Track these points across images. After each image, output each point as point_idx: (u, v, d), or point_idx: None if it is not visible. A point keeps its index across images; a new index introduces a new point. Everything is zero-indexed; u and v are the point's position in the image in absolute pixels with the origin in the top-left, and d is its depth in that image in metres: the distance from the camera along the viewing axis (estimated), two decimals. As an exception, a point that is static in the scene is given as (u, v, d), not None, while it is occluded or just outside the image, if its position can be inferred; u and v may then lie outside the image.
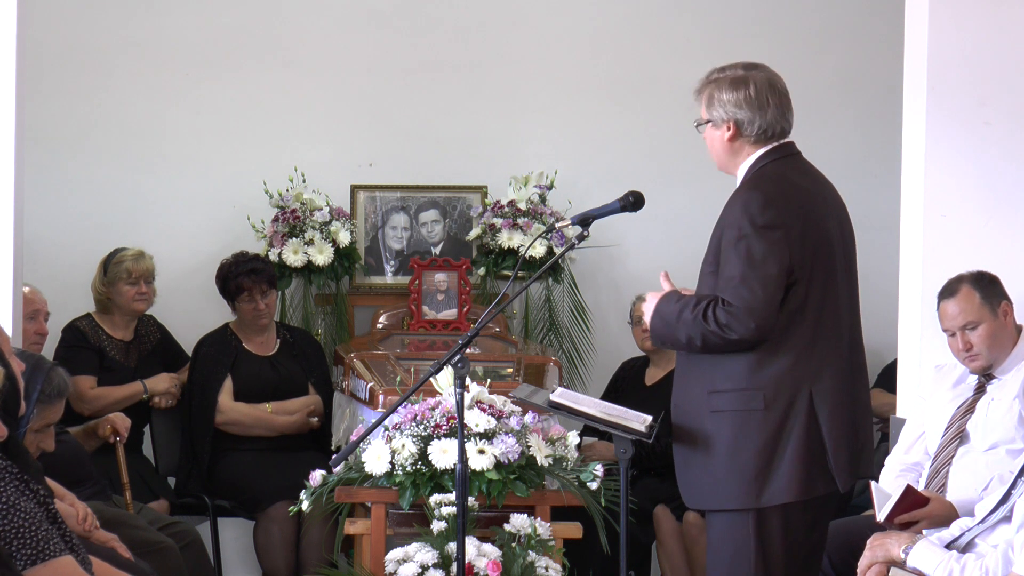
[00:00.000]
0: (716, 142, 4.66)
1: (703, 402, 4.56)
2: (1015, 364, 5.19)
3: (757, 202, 4.50)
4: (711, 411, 4.55)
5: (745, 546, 4.55)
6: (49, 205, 7.45)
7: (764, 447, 4.50)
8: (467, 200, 7.64)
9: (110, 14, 7.62)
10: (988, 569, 4.32)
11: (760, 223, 4.47)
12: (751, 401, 4.51)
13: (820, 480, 4.55)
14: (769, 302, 4.45)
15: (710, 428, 4.54)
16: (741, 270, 4.46)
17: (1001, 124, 5.76)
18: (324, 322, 7.53)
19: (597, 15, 7.82)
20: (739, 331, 4.44)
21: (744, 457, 4.51)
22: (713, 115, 4.63)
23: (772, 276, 4.46)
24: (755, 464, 4.51)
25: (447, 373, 5.30)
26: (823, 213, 4.62)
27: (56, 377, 4.72)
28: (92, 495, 5.75)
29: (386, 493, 5.41)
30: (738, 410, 4.52)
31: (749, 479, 4.51)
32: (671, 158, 7.67)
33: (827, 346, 4.57)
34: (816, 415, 4.52)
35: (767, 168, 4.62)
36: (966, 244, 5.71)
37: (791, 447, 4.51)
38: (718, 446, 4.54)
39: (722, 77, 4.64)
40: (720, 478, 4.55)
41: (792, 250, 4.49)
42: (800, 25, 7.83)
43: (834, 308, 4.59)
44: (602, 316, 7.72)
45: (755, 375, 4.51)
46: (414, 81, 7.73)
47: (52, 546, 3.86)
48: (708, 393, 4.55)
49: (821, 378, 4.54)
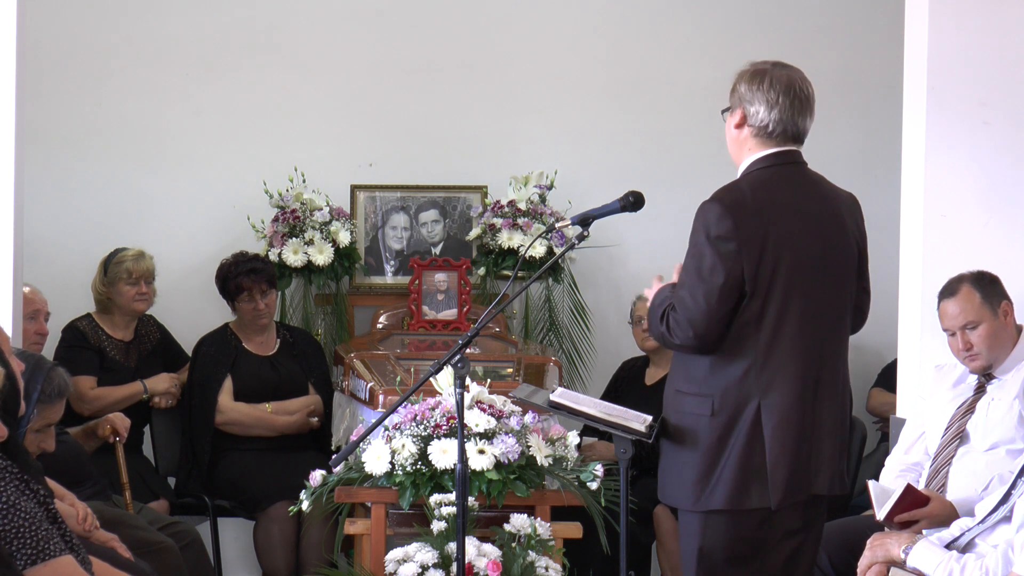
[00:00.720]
0: (727, 130, 4.68)
1: (671, 401, 4.65)
2: (1015, 364, 5.19)
3: (714, 212, 4.48)
4: (675, 410, 4.62)
5: (691, 543, 4.62)
6: (49, 205, 7.45)
7: (706, 452, 4.54)
8: (467, 200, 7.64)
9: (110, 14, 7.62)
10: (988, 569, 4.33)
11: (713, 234, 4.47)
12: (701, 406, 4.55)
13: (756, 493, 4.53)
14: (710, 313, 4.46)
15: (672, 427, 4.62)
16: (689, 279, 4.51)
17: (1001, 124, 5.76)
18: (324, 322, 7.53)
19: (597, 15, 7.82)
20: (679, 337, 4.52)
21: (688, 459, 4.57)
22: (731, 101, 4.65)
23: (717, 287, 4.46)
24: (697, 468, 4.55)
25: (447, 373, 5.30)
26: (800, 229, 4.54)
27: (56, 377, 4.72)
28: (92, 495, 5.75)
29: (386, 493, 5.41)
30: (692, 413, 4.57)
31: (691, 481, 4.57)
32: (671, 158, 7.67)
33: (783, 361, 4.52)
34: (761, 428, 4.51)
35: (753, 175, 4.59)
36: (966, 244, 5.71)
37: (731, 457, 4.52)
38: (673, 446, 4.62)
39: (748, 69, 4.67)
40: (673, 476, 4.65)
41: (745, 263, 4.47)
42: (800, 25, 7.83)
43: (797, 323, 4.53)
44: (602, 316, 7.73)
45: (708, 381, 4.55)
46: (414, 81, 7.73)
47: (52, 546, 3.86)
48: (675, 392, 4.64)
49: (771, 392, 4.51)
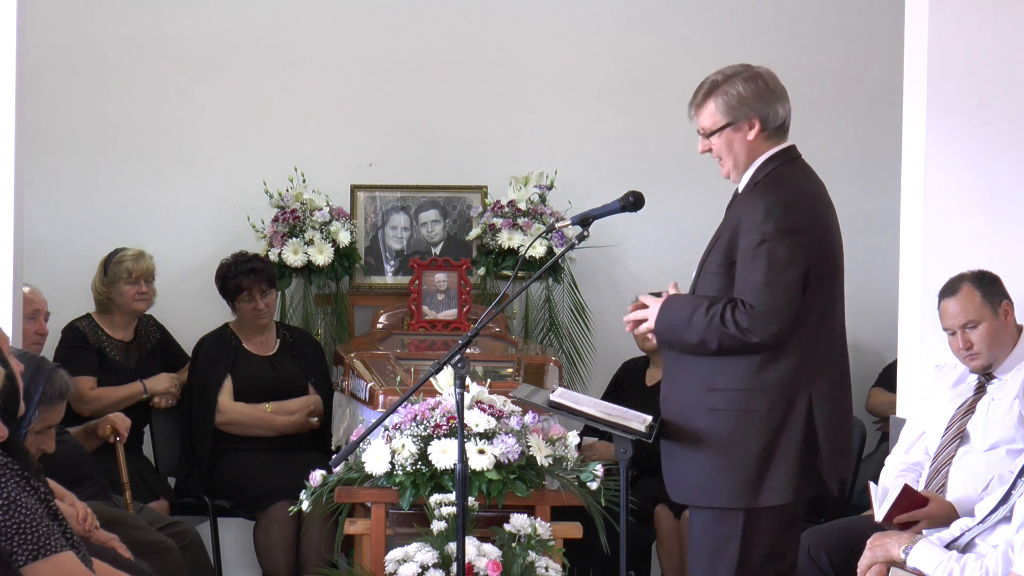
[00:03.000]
0: (736, 143, 4.61)
1: (699, 399, 4.56)
2: (1015, 364, 5.19)
3: (780, 206, 4.50)
4: (709, 408, 4.54)
5: (728, 543, 4.56)
6: (49, 205, 7.45)
7: (764, 448, 4.51)
8: (467, 200, 7.64)
9: (110, 14, 7.62)
10: (988, 569, 4.33)
11: (783, 227, 4.47)
12: (753, 402, 4.51)
13: (810, 483, 4.57)
14: (790, 307, 4.47)
15: (704, 425, 4.55)
16: (764, 274, 4.46)
17: (1001, 124, 5.76)
18: (324, 322, 7.53)
19: (597, 15, 7.82)
20: (760, 335, 4.45)
21: (743, 457, 4.52)
22: (737, 115, 4.58)
23: (794, 281, 4.48)
24: (754, 464, 4.51)
25: (447, 373, 5.30)
26: (830, 218, 4.65)
27: (58, 379, 4.72)
28: (92, 495, 5.75)
29: (386, 493, 5.41)
30: (739, 410, 4.52)
31: (746, 479, 4.52)
32: (671, 158, 7.67)
33: (824, 350, 4.59)
34: (813, 419, 4.53)
35: (778, 171, 4.61)
36: (966, 244, 5.71)
37: (789, 450, 4.52)
38: (713, 444, 4.54)
39: (731, 76, 4.61)
40: (713, 475, 4.56)
41: (812, 255, 4.51)
42: (800, 25, 7.83)
43: (832, 313, 4.61)
44: (602, 316, 7.72)
45: (759, 376, 4.51)
46: (414, 81, 7.73)
47: (53, 542, 3.86)
48: (706, 390, 4.55)
49: (818, 382, 4.55)
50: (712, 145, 4.64)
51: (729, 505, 4.55)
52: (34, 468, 4.26)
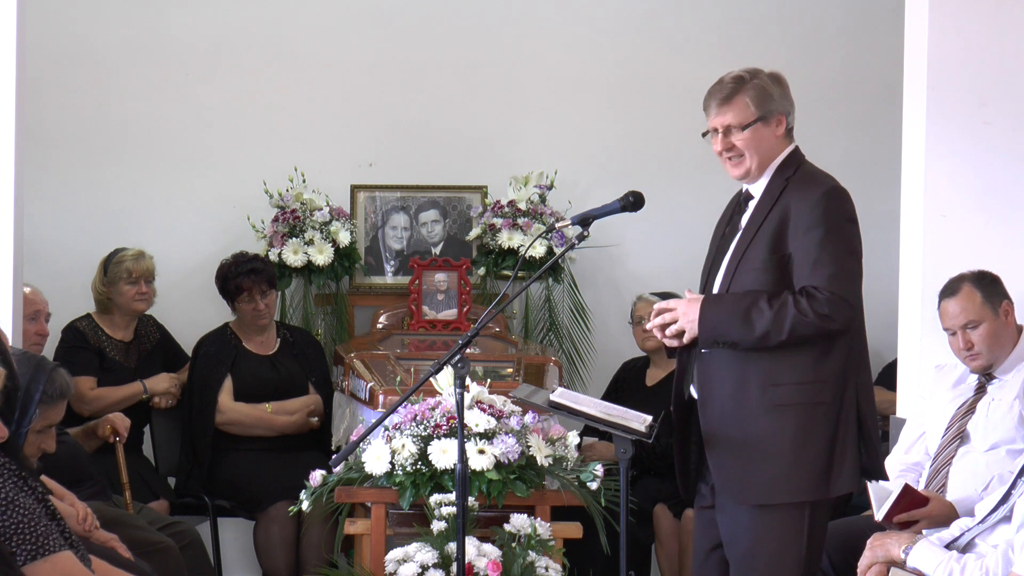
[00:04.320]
0: (765, 139, 4.67)
1: (760, 397, 4.59)
2: (1016, 364, 5.19)
3: (837, 197, 4.62)
4: (773, 405, 4.58)
5: (795, 539, 4.61)
6: (49, 205, 7.45)
7: (831, 438, 4.60)
8: (467, 200, 7.64)
9: (110, 14, 7.62)
10: (988, 569, 4.33)
11: (844, 217, 4.61)
12: (819, 393, 4.59)
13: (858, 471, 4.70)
14: (857, 293, 4.62)
15: (768, 423, 4.58)
16: (837, 262, 4.56)
17: (1001, 124, 5.76)
18: (324, 322, 7.53)
19: (597, 15, 7.82)
20: (840, 321, 4.54)
21: (814, 449, 4.58)
22: (769, 109, 4.65)
23: (858, 268, 4.64)
24: (825, 455, 4.59)
25: (447, 373, 5.30)
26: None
27: (58, 378, 4.72)
28: (92, 495, 5.75)
29: (386, 493, 5.41)
30: (806, 403, 4.58)
31: (819, 470, 4.59)
32: (671, 158, 7.67)
33: (864, 341, 4.72)
34: (860, 406, 4.65)
35: (807, 167, 4.72)
36: (966, 244, 5.71)
37: (850, 438, 4.63)
38: (781, 440, 4.58)
39: (757, 73, 4.69)
40: (786, 471, 4.59)
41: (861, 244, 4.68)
42: (801, 25, 7.83)
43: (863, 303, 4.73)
44: (602, 316, 7.72)
45: (819, 368, 4.59)
46: (414, 81, 7.73)
47: (52, 541, 3.87)
48: (769, 386, 4.58)
49: (862, 372, 4.69)
50: (739, 140, 4.66)
51: (804, 499, 4.61)
52: (31, 468, 4.27)
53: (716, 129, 4.68)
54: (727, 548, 4.71)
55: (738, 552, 4.67)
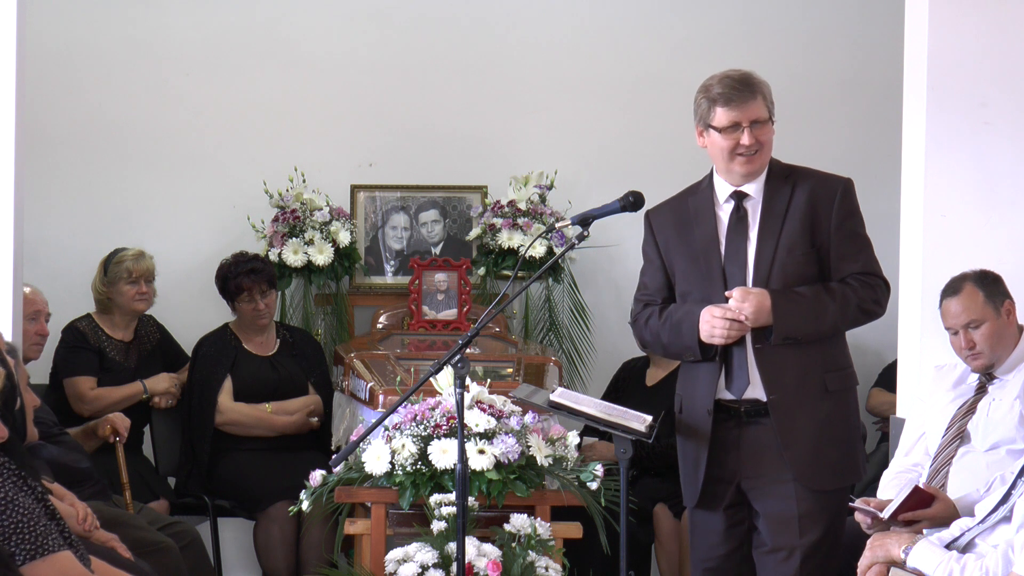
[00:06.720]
0: (770, 139, 4.77)
1: (818, 383, 4.72)
2: (1017, 364, 5.18)
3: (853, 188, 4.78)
4: (826, 391, 4.73)
5: (839, 517, 4.80)
6: (49, 205, 7.45)
7: (858, 424, 4.91)
8: (467, 200, 7.64)
9: (110, 14, 7.62)
10: (988, 569, 4.32)
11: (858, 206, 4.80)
12: (853, 379, 4.84)
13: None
14: None
15: (827, 407, 4.73)
16: (870, 250, 4.77)
17: (1001, 124, 5.76)
18: (324, 322, 7.53)
19: (597, 16, 7.82)
20: (885, 305, 4.78)
21: (856, 432, 4.84)
22: (772, 111, 4.74)
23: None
24: (857, 441, 4.86)
25: (447, 373, 5.30)
26: None
27: None
28: (92, 495, 5.75)
29: (386, 493, 5.41)
30: (850, 387, 4.82)
31: (860, 455, 4.86)
32: (671, 158, 7.66)
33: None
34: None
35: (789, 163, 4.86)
36: (966, 244, 5.71)
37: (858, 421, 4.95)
38: (837, 424, 4.76)
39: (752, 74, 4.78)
40: (847, 453, 4.79)
41: None
42: (800, 25, 7.83)
43: None
44: (602, 316, 7.72)
45: (845, 354, 4.84)
46: (414, 81, 7.73)
47: (51, 541, 3.87)
48: (825, 373, 4.72)
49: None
50: (763, 135, 4.71)
51: (855, 481, 4.86)
52: (30, 467, 4.27)
53: (739, 123, 4.68)
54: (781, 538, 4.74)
55: (810, 540, 4.73)
